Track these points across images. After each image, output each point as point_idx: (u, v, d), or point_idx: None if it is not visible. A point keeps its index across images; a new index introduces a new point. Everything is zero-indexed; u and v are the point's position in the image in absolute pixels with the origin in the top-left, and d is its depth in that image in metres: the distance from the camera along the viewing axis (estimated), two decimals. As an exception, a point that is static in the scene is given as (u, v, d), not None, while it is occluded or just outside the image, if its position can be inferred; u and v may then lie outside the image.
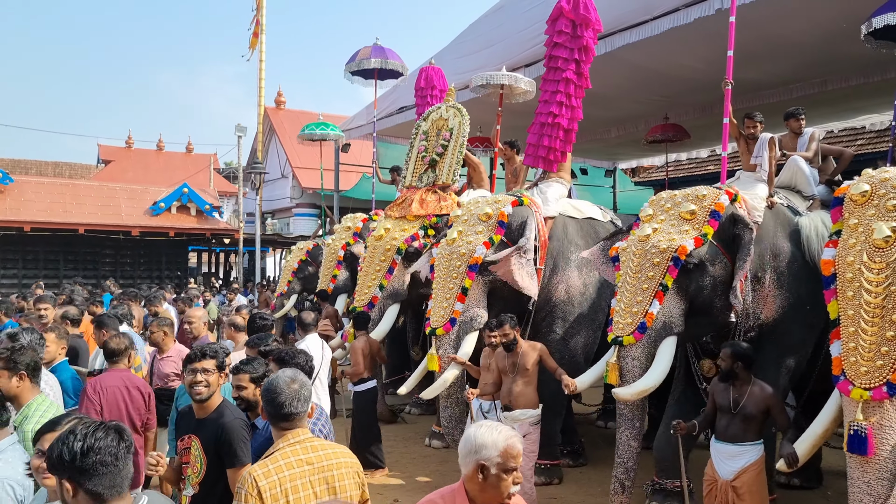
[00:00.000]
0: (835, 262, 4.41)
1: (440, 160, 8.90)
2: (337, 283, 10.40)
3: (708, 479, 5.08)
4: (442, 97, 10.69)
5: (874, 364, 4.07)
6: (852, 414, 4.11)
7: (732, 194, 5.76)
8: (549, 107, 7.68)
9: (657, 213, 5.84)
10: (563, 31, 7.52)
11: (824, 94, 10.19)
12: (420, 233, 8.57)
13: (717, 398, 5.11)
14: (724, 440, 4.96)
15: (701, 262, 5.47)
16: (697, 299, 5.56)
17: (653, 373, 5.31)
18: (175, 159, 29.81)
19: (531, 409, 6.00)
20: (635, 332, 5.39)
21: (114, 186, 21.93)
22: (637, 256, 5.58)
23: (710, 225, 5.55)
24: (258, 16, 16.71)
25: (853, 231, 4.38)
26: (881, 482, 4.04)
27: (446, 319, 6.71)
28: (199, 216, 21.92)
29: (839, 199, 4.59)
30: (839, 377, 4.22)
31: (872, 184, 4.45)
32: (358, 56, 13.04)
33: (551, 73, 7.70)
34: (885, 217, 4.28)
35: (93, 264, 20.77)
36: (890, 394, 4.02)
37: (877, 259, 4.18)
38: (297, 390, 2.97)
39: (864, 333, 4.14)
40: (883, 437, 4.04)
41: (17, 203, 19.02)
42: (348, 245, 10.46)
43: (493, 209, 7.07)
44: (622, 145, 14.89)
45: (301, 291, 12.16)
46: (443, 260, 6.97)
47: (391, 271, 8.36)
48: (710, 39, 8.27)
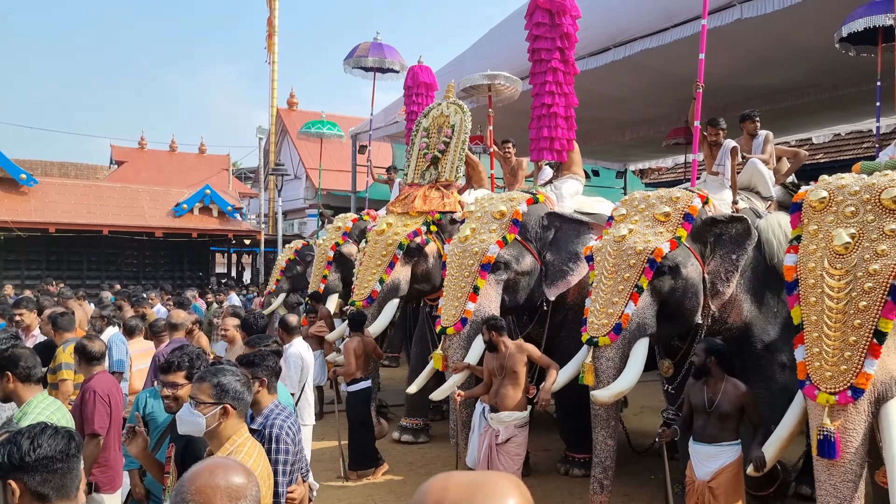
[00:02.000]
0: (796, 268, 4.44)
1: (442, 157, 8.87)
2: (327, 284, 10.44)
3: (688, 480, 5.13)
4: (429, 95, 10.71)
5: (838, 369, 4.10)
6: (819, 418, 4.13)
7: (704, 197, 5.83)
8: (541, 98, 7.74)
9: (631, 214, 5.91)
10: (541, 23, 7.59)
11: (834, 98, 10.37)
12: (423, 229, 8.53)
13: (691, 398, 5.15)
14: (702, 441, 4.99)
15: (675, 264, 5.53)
16: (669, 301, 5.63)
17: (628, 374, 5.37)
18: (188, 160, 29.90)
19: (517, 411, 5.96)
20: (611, 333, 5.44)
21: (136, 188, 22.29)
22: (613, 257, 5.64)
23: (683, 227, 5.63)
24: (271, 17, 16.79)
25: (813, 237, 4.40)
26: (847, 484, 4.07)
27: (457, 319, 6.66)
28: (220, 217, 22.22)
29: (798, 205, 4.61)
30: (804, 382, 4.25)
31: (830, 190, 4.46)
32: (356, 52, 13.06)
33: (537, 65, 7.76)
34: (843, 224, 4.30)
35: (115, 265, 21.13)
36: (854, 398, 4.05)
37: (837, 265, 4.20)
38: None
39: (828, 338, 4.15)
40: (847, 441, 4.06)
41: (42, 205, 19.41)
42: (338, 245, 10.50)
43: (508, 207, 7.03)
44: (634, 147, 15.02)
45: (289, 290, 12.24)
46: (455, 258, 6.94)
47: (392, 266, 8.32)
48: (728, 46, 8.73)
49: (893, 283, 4.04)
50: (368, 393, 7.48)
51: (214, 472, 1.91)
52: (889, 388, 4.10)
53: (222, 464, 2.02)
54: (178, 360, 3.77)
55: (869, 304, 4.07)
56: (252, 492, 1.94)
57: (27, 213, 18.94)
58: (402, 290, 8.41)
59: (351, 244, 10.37)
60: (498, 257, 6.72)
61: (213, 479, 1.88)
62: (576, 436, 7.14)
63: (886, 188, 4.25)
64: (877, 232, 4.19)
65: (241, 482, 1.91)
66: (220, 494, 1.85)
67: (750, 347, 5.99)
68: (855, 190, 4.36)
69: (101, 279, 20.12)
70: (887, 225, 4.17)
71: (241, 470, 1.98)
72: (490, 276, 6.72)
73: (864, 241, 4.20)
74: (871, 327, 4.05)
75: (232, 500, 1.87)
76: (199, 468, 1.94)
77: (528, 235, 7.01)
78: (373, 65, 13.14)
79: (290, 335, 6.47)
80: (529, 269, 6.95)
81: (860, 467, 4.09)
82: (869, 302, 4.08)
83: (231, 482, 1.89)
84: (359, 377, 7.33)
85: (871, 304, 4.07)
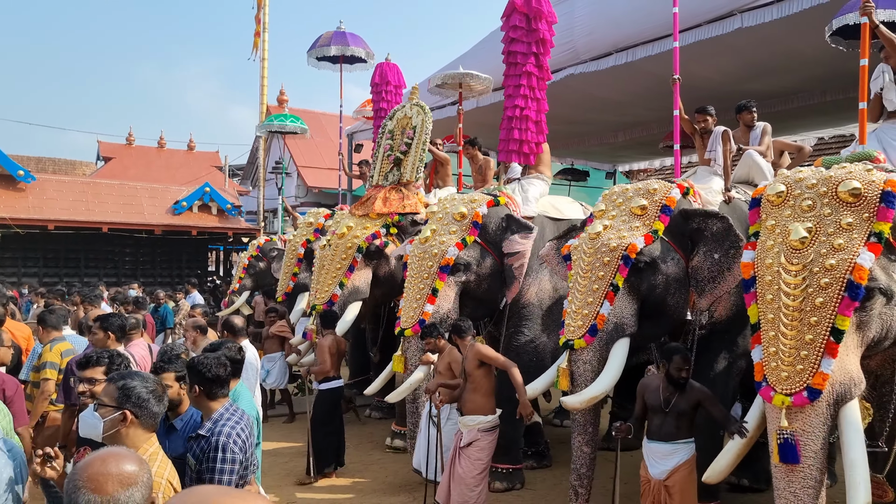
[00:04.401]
0: (754, 265, 4.26)
1: (405, 158, 8.84)
2: (297, 281, 10.35)
3: (642, 479, 5.00)
4: (398, 93, 10.64)
5: (794, 369, 3.92)
6: (776, 421, 3.95)
7: (685, 188, 5.64)
8: (514, 101, 7.71)
9: (609, 209, 5.75)
10: (517, 26, 7.60)
11: (823, 104, 10.52)
12: (382, 231, 8.50)
13: (647, 398, 5.02)
14: (658, 439, 4.87)
15: (652, 259, 5.35)
16: (650, 298, 5.45)
17: (603, 378, 5.19)
18: (177, 157, 29.78)
19: (480, 415, 5.75)
20: (586, 336, 5.29)
21: (134, 185, 22.21)
22: (588, 255, 5.48)
23: (660, 220, 5.45)
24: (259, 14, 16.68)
25: (770, 232, 4.23)
26: (807, 491, 3.89)
27: (415, 320, 6.61)
28: (220, 215, 22.14)
29: (756, 200, 4.45)
30: (761, 383, 4.07)
31: (788, 184, 4.30)
32: (319, 42, 12.90)
33: (511, 68, 7.76)
34: (800, 218, 4.13)
35: (112, 263, 21.06)
36: (811, 399, 3.87)
37: (794, 261, 4.02)
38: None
39: (784, 337, 3.98)
40: (806, 444, 3.88)
41: (40, 201, 19.34)
42: (309, 242, 10.37)
43: (469, 209, 6.95)
44: (625, 149, 15.18)
45: (253, 288, 12.06)
46: (415, 259, 6.87)
47: (352, 270, 8.28)
48: (728, 53, 9.07)
49: (850, 279, 3.87)
50: (340, 392, 7.41)
51: (106, 461, 1.98)
52: (849, 389, 3.92)
53: (115, 452, 2.08)
54: (98, 355, 3.67)
55: (825, 301, 3.91)
56: (144, 478, 2.00)
57: (25, 210, 18.86)
58: (362, 293, 8.37)
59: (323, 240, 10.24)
60: (457, 259, 6.66)
61: (105, 467, 1.94)
62: (500, 444, 6.91)
63: (843, 181, 4.10)
64: (834, 226, 4.03)
65: (132, 469, 1.98)
66: (111, 481, 1.92)
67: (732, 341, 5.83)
68: (812, 183, 4.21)
69: (98, 277, 20.09)
70: (844, 218, 4.02)
71: (133, 458, 2.05)
72: (449, 277, 6.65)
73: (820, 236, 4.04)
74: (827, 325, 3.90)
75: (124, 486, 1.94)
76: (92, 457, 2.01)
77: (489, 237, 6.90)
78: (336, 54, 12.97)
79: (235, 337, 6.27)
80: (489, 272, 6.88)
81: (821, 472, 3.91)
82: (825, 298, 3.91)
83: (123, 469, 1.96)
84: (332, 375, 7.26)
85: (828, 300, 3.91)
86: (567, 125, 13.59)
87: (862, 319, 3.96)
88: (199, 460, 3.36)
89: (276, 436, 8.66)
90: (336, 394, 7.32)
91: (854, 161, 4.41)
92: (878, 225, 3.96)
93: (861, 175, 4.10)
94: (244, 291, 12.09)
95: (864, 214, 4.01)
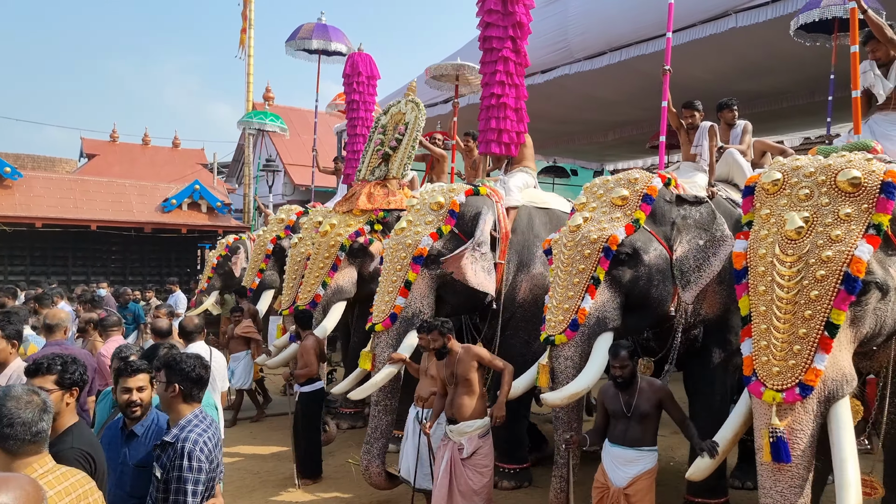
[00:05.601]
0: (746, 255, 4.10)
1: (393, 154, 8.56)
2: (263, 278, 10.11)
3: (599, 485, 4.79)
4: (371, 84, 10.40)
5: (786, 364, 3.76)
6: (766, 418, 3.78)
7: (666, 178, 5.50)
8: (491, 88, 7.32)
9: (590, 201, 5.59)
10: (493, 10, 7.23)
11: (812, 104, 10.59)
12: (366, 228, 8.22)
13: (607, 404, 4.85)
14: (622, 444, 4.68)
15: (634, 250, 5.19)
16: (633, 291, 5.28)
17: (585, 374, 5.01)
18: (162, 154, 29.36)
19: (477, 419, 5.42)
20: (567, 331, 5.10)
21: (123, 182, 21.95)
22: (568, 249, 5.31)
23: (641, 210, 5.29)
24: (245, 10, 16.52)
25: (765, 222, 4.07)
26: (793, 490, 3.73)
27: (387, 314, 6.25)
28: (210, 213, 21.94)
29: (750, 189, 4.29)
30: (750, 378, 3.90)
31: (784, 172, 4.14)
32: (299, 34, 12.70)
33: (487, 54, 7.39)
34: (797, 207, 3.98)
35: (101, 262, 20.82)
36: (802, 395, 3.72)
37: (789, 251, 3.86)
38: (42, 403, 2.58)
39: (777, 331, 3.81)
40: (794, 443, 3.73)
41: (27, 199, 19.09)
42: (279, 238, 10.16)
43: (446, 198, 6.62)
44: (614, 147, 15.23)
45: (222, 288, 11.83)
46: (390, 251, 6.55)
47: (335, 268, 7.99)
48: (721, 54, 9.14)
49: (847, 272, 3.71)
50: (322, 394, 7.19)
51: None
52: (840, 386, 3.77)
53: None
54: (49, 362, 3.30)
55: (821, 294, 3.75)
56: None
57: (12, 208, 18.62)
58: (346, 292, 8.09)
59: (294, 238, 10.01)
60: (431, 250, 6.31)
61: None
62: (507, 445, 6.74)
63: (843, 169, 3.94)
64: (831, 216, 3.88)
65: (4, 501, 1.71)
66: None
67: (726, 339, 5.67)
68: (810, 171, 4.05)
69: (87, 275, 19.86)
70: (842, 209, 3.87)
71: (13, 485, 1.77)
72: (423, 270, 6.31)
73: (817, 226, 3.89)
74: (822, 319, 3.74)
75: None
76: None
77: (466, 227, 6.54)
78: (317, 47, 12.77)
79: (188, 340, 6.06)
80: None
81: (807, 471, 3.76)
82: (821, 291, 3.75)
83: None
84: (314, 377, 7.06)
85: (823, 293, 3.75)
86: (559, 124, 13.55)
87: (856, 314, 3.82)
88: (165, 469, 3.18)
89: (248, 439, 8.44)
90: (320, 395, 7.11)
91: (852, 150, 4.26)
92: (877, 216, 3.81)
93: (861, 164, 3.95)
94: (213, 291, 11.81)
95: (863, 205, 3.85)
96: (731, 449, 4.29)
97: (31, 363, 3.34)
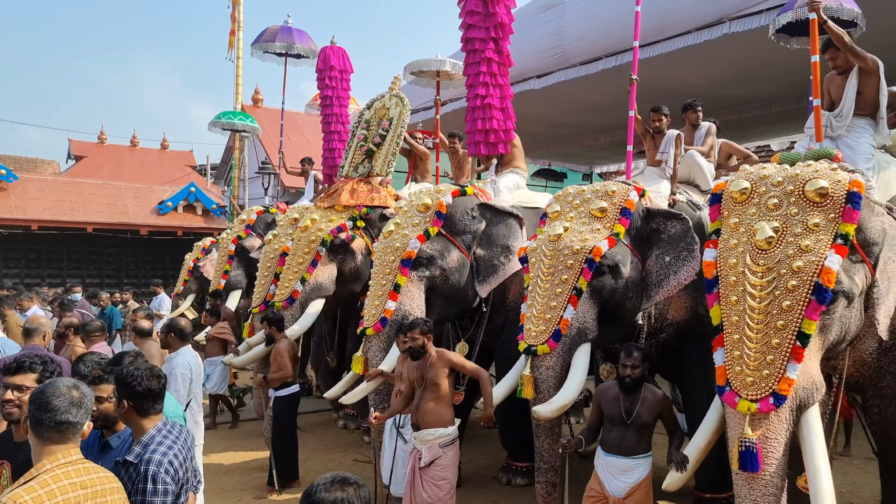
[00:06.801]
0: (716, 264, 4.13)
1: (377, 150, 8.43)
2: (228, 279, 10.03)
3: (594, 494, 4.72)
4: (344, 78, 10.23)
5: (760, 374, 3.78)
6: (739, 428, 3.80)
7: (641, 190, 5.54)
8: (475, 90, 7.31)
9: (566, 210, 5.61)
10: (474, 11, 7.20)
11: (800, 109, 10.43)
12: (348, 224, 8.03)
13: (605, 408, 4.77)
14: (618, 453, 4.63)
15: (615, 263, 5.23)
16: (610, 303, 5.32)
17: (570, 385, 5.04)
18: (150, 156, 29.21)
19: (440, 427, 5.20)
20: (549, 341, 5.11)
21: (118, 185, 22.00)
22: (548, 258, 5.31)
23: (621, 223, 5.34)
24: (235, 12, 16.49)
25: (734, 231, 4.08)
26: (767, 498, 3.75)
27: (377, 318, 6.21)
28: (205, 216, 22.00)
29: (717, 196, 4.31)
30: (724, 388, 3.92)
31: (752, 181, 4.15)
32: (264, 36, 12.66)
33: (470, 55, 7.38)
34: (766, 216, 3.99)
35: (96, 264, 20.86)
36: (776, 405, 3.74)
37: (760, 261, 3.88)
38: (78, 398, 2.64)
39: (749, 341, 3.83)
40: (768, 451, 3.74)
41: (22, 201, 19.16)
42: (240, 238, 10.08)
43: (433, 199, 6.60)
44: (604, 150, 15.25)
45: (197, 291, 11.77)
46: (379, 254, 6.52)
47: (315, 264, 7.80)
48: (716, 59, 9.18)
49: (817, 282, 3.74)
50: (298, 397, 7.12)
51: None
52: (811, 394, 3.80)
53: None
54: (31, 361, 3.39)
55: (792, 304, 3.78)
56: None
57: (8, 210, 18.68)
58: (325, 289, 7.90)
59: (254, 237, 9.94)
60: (420, 252, 6.29)
61: None
62: (518, 443, 6.75)
63: (810, 179, 3.96)
64: (801, 226, 3.90)
65: None
66: None
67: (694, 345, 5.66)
68: (778, 181, 4.07)
69: (81, 278, 19.90)
70: (811, 219, 3.89)
71: None
72: (412, 272, 6.30)
73: (787, 236, 3.91)
74: (794, 329, 3.76)
75: None
76: None
77: (455, 229, 6.55)
78: (281, 50, 12.73)
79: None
80: (456, 265, 6.50)
81: (782, 479, 3.78)
82: (792, 301, 3.78)
83: None
84: (290, 381, 6.96)
85: (795, 303, 3.78)
86: (552, 127, 13.59)
87: (825, 322, 3.85)
88: (128, 490, 3.00)
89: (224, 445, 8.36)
90: (296, 399, 7.02)
91: (815, 158, 4.30)
92: (843, 226, 3.84)
93: (827, 174, 3.97)
94: (189, 294, 11.77)
95: (830, 215, 3.88)
96: (704, 457, 4.30)
97: (12, 361, 3.38)
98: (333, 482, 2.13)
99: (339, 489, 2.11)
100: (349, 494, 2.10)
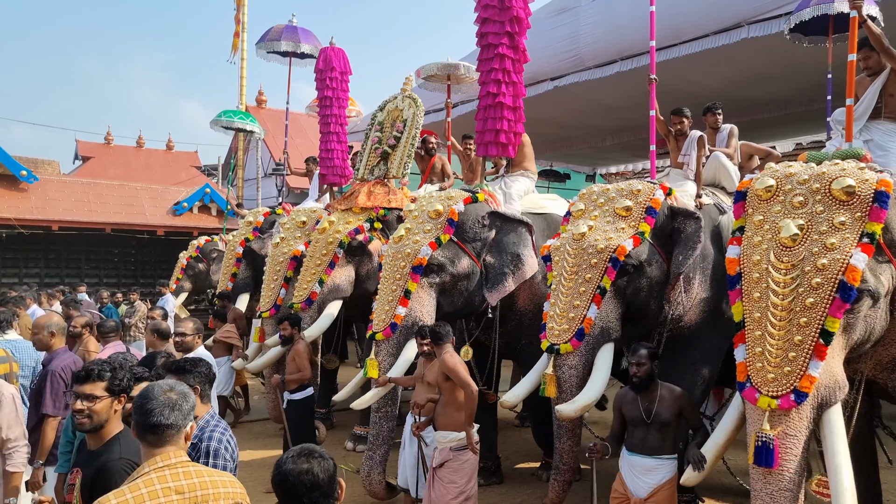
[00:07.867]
0: (740, 261, 4.14)
1: (392, 152, 8.41)
2: (236, 282, 10.01)
3: (618, 495, 4.76)
4: (344, 80, 10.18)
5: (782, 370, 3.80)
6: (758, 423, 3.82)
7: (667, 189, 5.55)
8: (487, 87, 7.10)
9: (590, 209, 5.63)
10: (489, 5, 6.99)
11: (810, 111, 10.64)
12: (365, 226, 8.07)
13: (625, 411, 4.80)
14: (641, 452, 4.65)
15: (640, 263, 5.25)
16: (634, 303, 5.34)
17: (594, 384, 5.06)
18: (156, 157, 29.26)
19: (450, 431, 5.28)
20: (573, 340, 5.14)
21: (135, 186, 22.15)
22: (572, 256, 5.34)
23: (646, 222, 5.35)
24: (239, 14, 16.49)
25: (758, 228, 4.09)
26: (784, 494, 3.75)
27: (387, 323, 6.18)
28: (220, 216, 22.10)
29: (742, 194, 4.32)
30: (744, 384, 3.93)
31: (777, 178, 4.16)
32: (269, 36, 12.63)
33: (485, 50, 7.15)
34: (791, 214, 3.99)
35: (113, 264, 21.02)
36: (797, 402, 3.75)
37: (784, 259, 3.90)
38: (174, 400, 2.60)
39: (772, 338, 3.85)
40: (787, 448, 3.75)
41: (43, 202, 19.30)
42: (248, 241, 10.04)
43: (444, 206, 6.53)
44: (609, 151, 15.35)
45: (191, 290, 11.73)
46: (389, 259, 6.48)
47: (332, 266, 7.85)
48: (731, 63, 9.28)
49: (842, 280, 3.75)
50: (313, 400, 7.10)
51: None
52: (833, 392, 3.81)
53: None
54: (99, 369, 3.25)
55: (816, 302, 3.78)
56: None
57: (28, 211, 18.83)
58: (343, 291, 7.96)
59: (262, 239, 9.88)
60: (431, 259, 6.23)
61: None
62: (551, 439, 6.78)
63: (837, 178, 3.96)
64: (826, 224, 3.90)
65: None
66: None
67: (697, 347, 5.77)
68: (804, 178, 4.07)
69: (99, 278, 20.06)
70: (837, 217, 3.89)
71: None
72: (423, 279, 6.26)
73: (812, 234, 3.91)
74: (817, 326, 3.76)
75: None
76: None
77: (466, 236, 6.49)
78: (285, 49, 12.71)
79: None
80: (467, 272, 6.44)
81: (800, 476, 3.78)
82: (816, 299, 3.78)
83: None
84: (305, 383, 6.94)
85: (819, 301, 3.78)
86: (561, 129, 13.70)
87: (849, 321, 3.85)
88: None
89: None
90: (311, 401, 6.97)
91: (844, 158, 4.30)
92: (870, 225, 3.83)
93: (855, 173, 3.97)
94: (182, 293, 11.76)
95: (856, 213, 3.88)
96: (724, 453, 4.32)
97: (82, 370, 3.29)
98: (300, 454, 2.32)
99: (304, 461, 2.29)
100: (313, 465, 2.28)
